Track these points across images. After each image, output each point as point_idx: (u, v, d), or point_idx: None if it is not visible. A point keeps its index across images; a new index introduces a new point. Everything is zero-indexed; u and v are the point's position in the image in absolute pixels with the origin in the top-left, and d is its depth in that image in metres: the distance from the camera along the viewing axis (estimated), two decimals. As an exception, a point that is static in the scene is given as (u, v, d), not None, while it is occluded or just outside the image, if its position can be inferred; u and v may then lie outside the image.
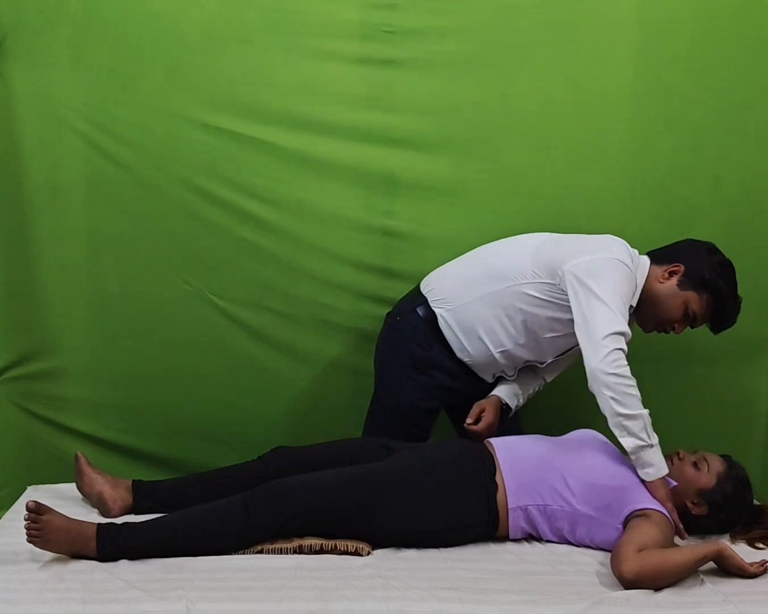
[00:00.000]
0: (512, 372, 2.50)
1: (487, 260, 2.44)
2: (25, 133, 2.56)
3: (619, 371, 2.10)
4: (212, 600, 1.78)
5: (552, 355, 2.44)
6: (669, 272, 2.33)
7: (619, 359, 2.11)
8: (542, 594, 1.89)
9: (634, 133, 2.68)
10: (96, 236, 2.64)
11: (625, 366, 2.12)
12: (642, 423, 2.11)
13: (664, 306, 2.33)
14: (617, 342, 2.12)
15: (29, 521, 1.90)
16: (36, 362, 2.71)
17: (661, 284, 2.33)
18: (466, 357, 2.42)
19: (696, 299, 2.31)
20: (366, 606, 1.79)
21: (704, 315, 2.34)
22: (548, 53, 2.62)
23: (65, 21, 2.51)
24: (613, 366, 2.10)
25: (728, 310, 2.35)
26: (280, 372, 2.74)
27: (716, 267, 2.32)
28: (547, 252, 2.35)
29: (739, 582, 1.97)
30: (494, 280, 2.37)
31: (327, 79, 2.59)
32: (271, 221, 2.64)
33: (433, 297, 2.43)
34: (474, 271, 2.43)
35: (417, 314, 2.44)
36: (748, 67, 2.67)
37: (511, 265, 2.37)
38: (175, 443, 2.77)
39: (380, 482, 2.11)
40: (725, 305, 2.33)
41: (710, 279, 2.30)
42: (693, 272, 2.31)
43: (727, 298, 2.33)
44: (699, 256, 2.34)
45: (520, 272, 2.34)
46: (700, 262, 2.32)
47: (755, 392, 2.88)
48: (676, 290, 2.32)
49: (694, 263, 2.32)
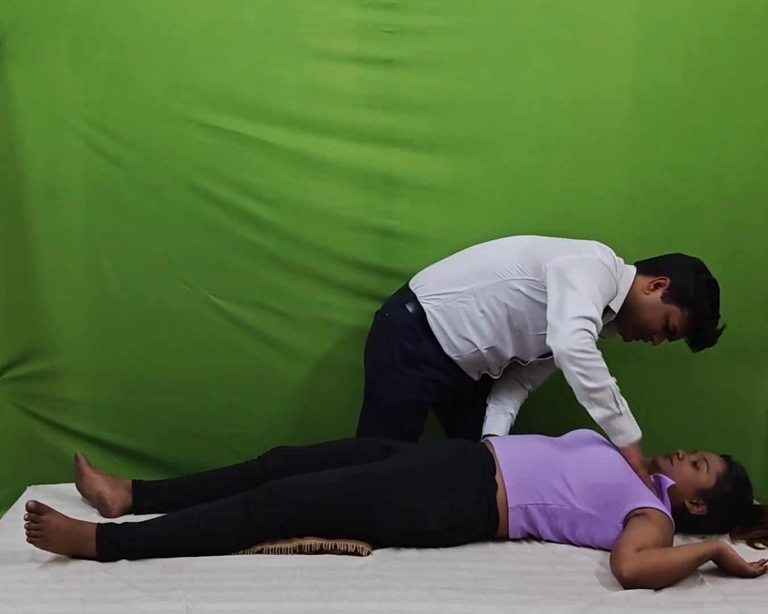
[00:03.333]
0: (497, 371, 2.53)
1: (475, 258, 2.48)
2: (25, 133, 2.56)
3: (584, 348, 2.15)
4: (212, 600, 1.78)
5: (535, 354, 2.46)
6: (654, 284, 2.37)
7: (585, 337, 2.16)
8: (542, 594, 1.89)
9: (634, 133, 2.68)
10: (96, 236, 2.64)
11: (591, 342, 2.17)
12: (610, 393, 2.16)
13: (645, 316, 2.38)
14: (585, 324, 2.17)
15: (29, 521, 1.90)
16: (36, 363, 2.71)
17: (646, 294, 2.38)
18: (454, 353, 2.44)
19: (678, 313, 2.35)
20: (366, 606, 1.79)
21: (684, 330, 2.39)
22: (548, 53, 2.62)
23: (65, 21, 2.51)
24: (580, 343, 2.15)
25: (708, 329, 2.38)
26: (280, 372, 2.74)
27: (702, 285, 2.35)
28: (534, 250, 2.39)
29: (739, 582, 1.97)
30: (481, 276, 2.40)
31: (327, 79, 2.59)
32: (271, 221, 2.64)
33: (422, 293, 2.46)
34: (462, 268, 2.47)
35: (406, 310, 2.46)
36: (748, 67, 2.67)
37: (498, 262, 2.41)
38: (174, 443, 2.77)
39: (380, 482, 2.11)
40: (706, 323, 2.37)
41: (694, 296, 2.34)
42: (678, 286, 2.35)
43: (709, 317, 2.37)
44: (686, 272, 2.37)
45: (507, 269, 2.38)
46: (687, 278, 2.36)
47: (755, 392, 2.88)
48: (659, 302, 2.36)
49: (680, 278, 2.36)
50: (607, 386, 2.16)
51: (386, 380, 2.48)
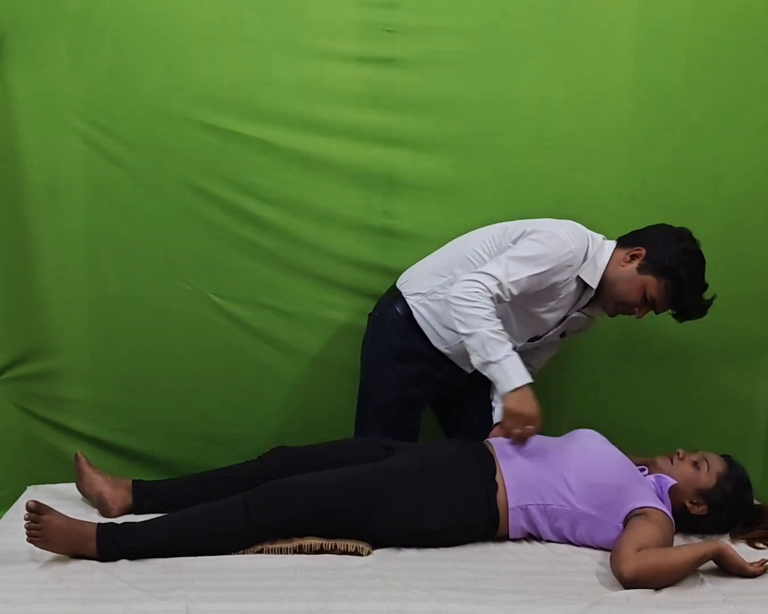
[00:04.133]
0: None
1: (453, 248, 2.49)
2: (25, 133, 2.56)
3: (463, 295, 2.18)
4: (212, 600, 1.78)
5: (522, 339, 2.44)
6: (631, 256, 2.33)
7: (471, 287, 2.19)
8: (542, 594, 1.89)
9: (634, 133, 2.68)
10: (96, 236, 2.64)
11: (475, 292, 2.18)
12: (479, 340, 2.17)
13: (622, 288, 2.33)
14: (481, 277, 2.20)
15: (29, 521, 1.90)
16: (36, 362, 2.71)
17: (622, 267, 2.33)
18: (442, 345, 2.45)
19: (654, 283, 2.29)
20: (366, 606, 1.79)
21: (663, 301, 2.32)
22: (548, 53, 2.62)
23: (65, 21, 2.51)
24: (462, 291, 2.19)
25: (689, 299, 2.30)
26: (280, 371, 2.75)
27: (680, 254, 2.28)
28: (500, 235, 2.39)
29: (739, 582, 1.97)
30: (458, 265, 2.41)
31: (327, 78, 2.59)
32: (271, 221, 2.65)
33: (407, 290, 2.48)
34: (442, 261, 2.48)
35: (393, 308, 2.48)
36: (748, 67, 2.67)
37: (475, 249, 2.41)
38: (174, 443, 2.77)
39: (380, 482, 2.11)
40: (685, 293, 2.29)
41: (670, 265, 2.27)
42: (654, 256, 2.29)
43: (687, 285, 2.28)
44: (664, 241, 2.31)
45: (481, 255, 2.39)
46: (665, 247, 2.29)
47: (755, 392, 2.87)
48: (634, 273, 2.31)
49: (657, 247, 2.30)
50: (476, 332, 2.17)
51: (378, 378, 2.49)
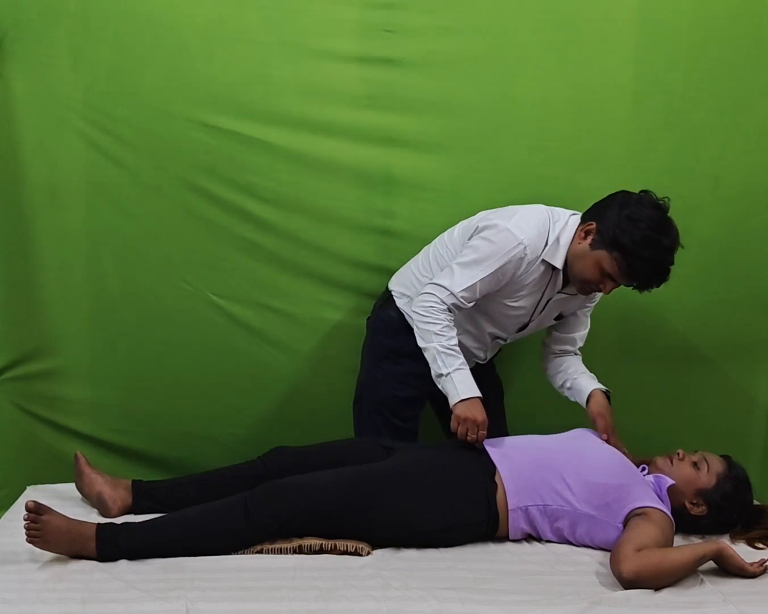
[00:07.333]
0: (483, 355, 2.53)
1: (433, 246, 2.50)
2: (25, 133, 2.55)
3: (420, 310, 2.26)
4: (212, 600, 1.78)
5: (511, 331, 2.47)
6: (585, 232, 2.25)
7: (428, 301, 2.25)
8: (542, 594, 1.89)
9: (634, 133, 2.68)
10: (96, 236, 2.64)
11: (430, 307, 2.23)
12: (431, 355, 2.25)
13: (579, 267, 2.25)
14: (438, 291, 2.25)
15: (29, 521, 1.90)
16: (36, 362, 2.71)
17: (579, 244, 2.26)
18: None
19: (608, 258, 2.18)
20: (366, 606, 1.79)
21: (620, 276, 2.20)
22: (548, 53, 2.62)
23: (65, 21, 2.51)
24: (420, 306, 2.26)
25: (639, 267, 2.16)
26: (280, 372, 2.74)
27: (623, 222, 2.16)
28: (466, 230, 2.41)
29: (739, 582, 1.97)
30: (436, 264, 2.43)
31: (327, 78, 2.59)
32: (271, 221, 2.64)
33: (396, 293, 2.51)
34: (423, 261, 2.49)
35: (384, 310, 2.51)
36: (748, 67, 2.66)
37: (449, 245, 2.43)
38: (174, 443, 2.77)
39: (380, 482, 2.11)
40: (634, 262, 2.15)
41: (614, 236, 2.16)
42: (603, 229, 2.19)
43: (633, 253, 2.14)
44: (611, 212, 2.20)
45: (452, 251, 2.40)
46: (611, 218, 2.18)
47: (755, 392, 2.88)
48: (588, 250, 2.22)
49: (606, 219, 2.20)
50: (428, 347, 2.24)
51: (370, 378, 2.51)
